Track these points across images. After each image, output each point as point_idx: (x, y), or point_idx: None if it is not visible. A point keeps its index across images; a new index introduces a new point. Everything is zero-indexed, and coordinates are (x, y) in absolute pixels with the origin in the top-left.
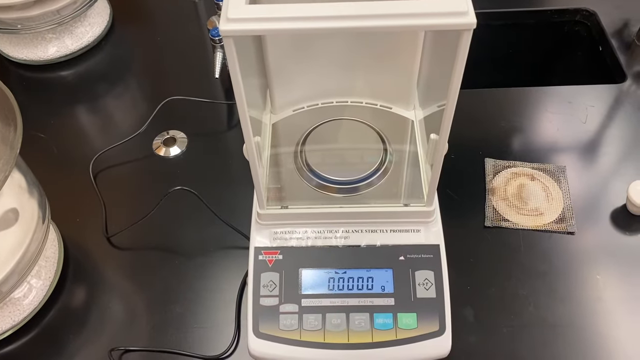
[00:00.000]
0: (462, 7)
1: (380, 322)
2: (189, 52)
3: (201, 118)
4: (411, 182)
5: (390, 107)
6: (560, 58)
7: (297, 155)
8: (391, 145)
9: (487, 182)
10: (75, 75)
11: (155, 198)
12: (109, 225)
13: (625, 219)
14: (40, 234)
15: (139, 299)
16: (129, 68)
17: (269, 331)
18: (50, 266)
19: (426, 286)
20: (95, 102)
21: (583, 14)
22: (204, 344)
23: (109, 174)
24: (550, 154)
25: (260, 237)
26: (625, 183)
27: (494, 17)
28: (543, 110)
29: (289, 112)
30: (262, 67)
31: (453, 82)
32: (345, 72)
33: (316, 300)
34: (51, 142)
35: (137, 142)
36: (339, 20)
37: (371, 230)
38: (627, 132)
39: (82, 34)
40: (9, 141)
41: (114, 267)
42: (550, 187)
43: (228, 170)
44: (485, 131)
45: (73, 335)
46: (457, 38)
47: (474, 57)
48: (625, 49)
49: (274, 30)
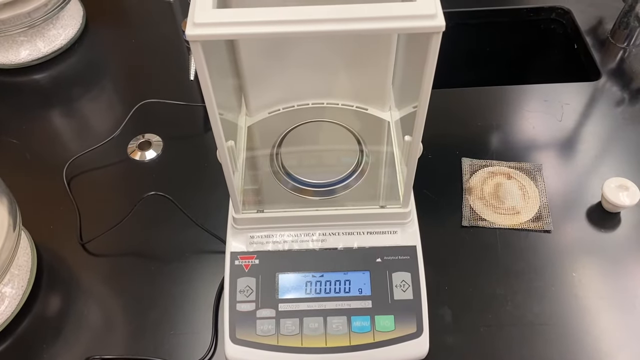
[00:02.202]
0: (430, 10)
1: (357, 325)
2: (164, 53)
3: (177, 121)
4: (387, 184)
5: (366, 108)
6: (536, 56)
7: (272, 158)
8: (367, 147)
9: (464, 182)
10: (48, 78)
11: (130, 203)
12: (83, 231)
13: (601, 216)
14: (10, 242)
15: (114, 306)
16: (103, 71)
17: (246, 337)
18: (23, 274)
19: (403, 288)
20: (69, 106)
21: (558, 12)
22: (181, 350)
23: (83, 179)
24: (526, 152)
25: (236, 242)
26: (600, 180)
27: (470, 16)
28: (519, 109)
29: (264, 115)
30: (235, 68)
31: (424, 85)
32: (321, 73)
33: (293, 305)
34: (23, 148)
35: (112, 146)
36: (308, 24)
37: (348, 233)
38: (602, 130)
39: (55, 37)
40: None
41: (89, 274)
42: (527, 186)
43: (204, 174)
44: (461, 130)
45: (47, 344)
46: (427, 41)
47: (450, 56)
48: (599, 46)
49: (242, 34)
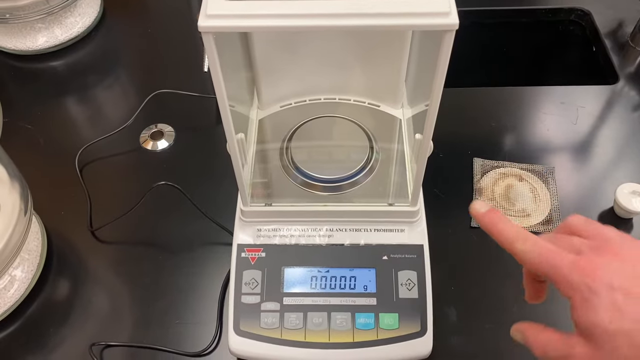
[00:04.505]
0: (444, 8)
1: (361, 321)
2: (179, 44)
3: (189, 112)
4: (397, 182)
5: (379, 105)
6: (554, 57)
7: (282, 152)
8: (378, 144)
9: (475, 182)
10: (64, 66)
11: (141, 192)
12: (93, 218)
13: (613, 222)
14: (21, 226)
15: (121, 294)
16: (118, 59)
17: (250, 329)
18: (33, 259)
19: (409, 286)
20: (83, 93)
21: (577, 14)
22: (186, 340)
23: (95, 167)
24: (539, 154)
25: (243, 235)
26: (613, 185)
27: (488, 15)
28: (534, 110)
29: (276, 108)
30: (249, 61)
31: (436, 83)
32: (334, 69)
33: (298, 299)
34: (38, 133)
35: (125, 135)
36: (321, 18)
37: (355, 229)
38: (618, 134)
39: (72, 24)
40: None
41: (97, 260)
42: (538, 188)
43: (215, 165)
44: (474, 130)
45: (55, 328)
46: (440, 38)
47: (466, 55)
48: (618, 49)
49: (255, 27)
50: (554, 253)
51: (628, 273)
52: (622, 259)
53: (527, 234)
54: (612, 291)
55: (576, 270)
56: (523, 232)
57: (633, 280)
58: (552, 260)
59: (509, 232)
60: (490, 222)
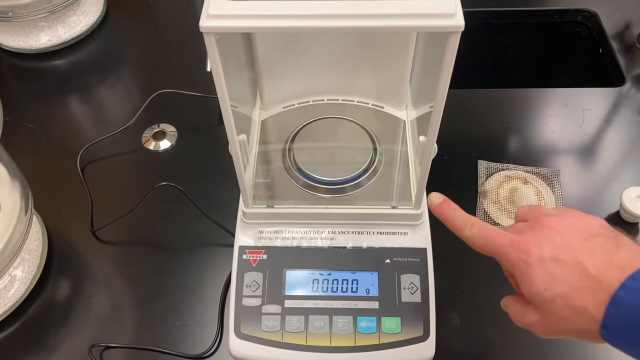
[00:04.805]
0: (450, 9)
1: (363, 325)
2: (182, 44)
3: (192, 112)
4: (400, 184)
5: (382, 106)
6: (559, 59)
7: (285, 153)
8: (381, 146)
9: (479, 185)
10: (67, 65)
11: (142, 192)
12: (94, 218)
13: (618, 225)
14: (22, 226)
15: (122, 295)
16: (121, 59)
17: (251, 332)
18: (34, 259)
19: (411, 290)
20: (86, 92)
21: (584, 15)
22: (186, 342)
23: (96, 167)
24: (544, 157)
25: (244, 237)
26: (619, 189)
27: (494, 16)
28: (539, 113)
29: (278, 109)
30: (251, 60)
31: (441, 85)
32: (337, 69)
33: (299, 302)
34: (40, 133)
35: (127, 135)
36: (324, 19)
37: (358, 232)
38: (624, 137)
39: (75, 23)
40: None
41: (98, 261)
42: (543, 192)
43: (217, 166)
44: (479, 132)
45: (55, 329)
46: (445, 40)
47: (471, 56)
48: (625, 51)
49: (257, 28)
50: (496, 234)
51: (557, 242)
52: (553, 231)
53: (474, 220)
54: (544, 261)
55: (513, 248)
56: (471, 219)
57: (562, 247)
58: (494, 241)
59: (459, 220)
60: (442, 212)
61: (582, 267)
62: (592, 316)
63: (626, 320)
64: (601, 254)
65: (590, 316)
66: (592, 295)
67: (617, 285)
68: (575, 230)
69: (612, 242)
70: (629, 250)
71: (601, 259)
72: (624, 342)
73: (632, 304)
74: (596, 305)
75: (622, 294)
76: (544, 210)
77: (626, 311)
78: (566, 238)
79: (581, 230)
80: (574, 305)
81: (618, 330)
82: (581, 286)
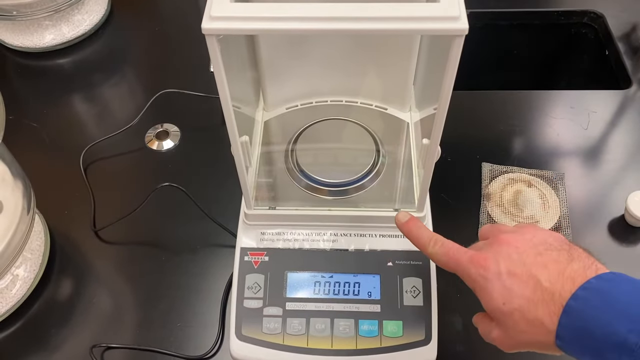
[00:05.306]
0: (454, 12)
1: (365, 328)
2: (186, 43)
3: (195, 112)
4: (403, 186)
5: (386, 108)
6: (565, 61)
7: (287, 154)
8: (384, 148)
9: (483, 187)
10: (71, 63)
11: (145, 192)
12: (97, 218)
13: (623, 230)
14: (24, 225)
15: (124, 295)
16: (125, 58)
17: (252, 334)
18: (36, 258)
19: (413, 294)
20: (89, 91)
21: (590, 16)
22: (187, 343)
23: (99, 166)
24: (549, 160)
25: (246, 238)
26: (624, 193)
27: (499, 17)
28: (544, 115)
29: (281, 110)
30: (254, 61)
31: (444, 88)
32: (341, 71)
33: (301, 304)
34: (43, 132)
35: (130, 135)
36: (327, 22)
37: (360, 235)
38: (630, 140)
39: (79, 22)
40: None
41: (100, 261)
42: (547, 195)
43: (220, 166)
44: (483, 134)
45: (56, 329)
46: (449, 43)
47: (476, 57)
48: (632, 53)
49: (259, 30)
50: (457, 251)
51: (513, 257)
52: (509, 246)
53: (437, 238)
54: (500, 276)
55: (472, 264)
56: (435, 236)
57: (517, 262)
58: (455, 257)
59: (423, 237)
60: (409, 229)
61: (536, 280)
62: (547, 328)
63: (578, 328)
64: (554, 267)
65: (546, 328)
66: (546, 307)
67: (568, 295)
68: (530, 244)
69: (565, 254)
70: (580, 262)
71: (554, 271)
72: (577, 350)
73: (583, 313)
74: (550, 316)
75: (573, 303)
76: (503, 228)
77: (578, 319)
78: (521, 253)
79: (536, 244)
80: (530, 318)
81: (571, 339)
82: (536, 299)
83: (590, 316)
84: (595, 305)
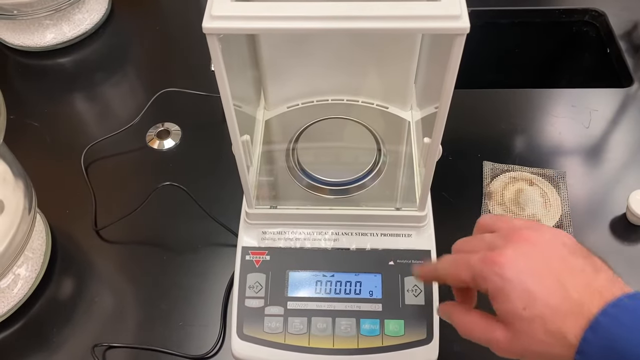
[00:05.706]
0: (455, 11)
1: (366, 327)
2: (187, 42)
3: (197, 111)
4: (404, 185)
5: (387, 106)
6: (566, 59)
7: (289, 153)
8: (386, 146)
9: (485, 186)
10: (72, 62)
11: (146, 191)
12: (98, 217)
13: (625, 228)
14: (25, 225)
15: (125, 294)
16: (126, 57)
17: (253, 333)
18: (37, 257)
19: (415, 293)
20: (90, 91)
21: (592, 15)
22: (189, 342)
23: (101, 165)
24: (550, 158)
25: (247, 237)
26: (626, 191)
27: (501, 15)
28: (545, 113)
29: (282, 109)
30: (255, 60)
31: (446, 87)
32: (342, 70)
33: (302, 304)
34: (44, 131)
35: (131, 134)
36: (328, 21)
37: (361, 234)
38: (632, 139)
39: (80, 21)
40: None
41: (101, 260)
42: (549, 193)
43: (221, 165)
44: (484, 133)
45: (57, 328)
46: (451, 42)
47: (477, 55)
48: (633, 52)
49: (260, 29)
50: (463, 257)
51: (536, 258)
52: (531, 244)
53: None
54: (522, 276)
55: (485, 262)
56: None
57: (542, 264)
58: (464, 260)
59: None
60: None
61: (564, 289)
62: (568, 341)
63: (604, 347)
64: (581, 277)
65: (567, 341)
66: (574, 320)
67: (596, 310)
68: (552, 245)
69: (589, 264)
70: (604, 275)
71: (581, 281)
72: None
73: (611, 331)
74: (574, 329)
75: (602, 319)
76: (513, 221)
77: (605, 337)
78: (545, 254)
79: (559, 247)
80: (551, 329)
81: (595, 356)
82: (563, 310)
83: (619, 336)
84: (626, 325)
